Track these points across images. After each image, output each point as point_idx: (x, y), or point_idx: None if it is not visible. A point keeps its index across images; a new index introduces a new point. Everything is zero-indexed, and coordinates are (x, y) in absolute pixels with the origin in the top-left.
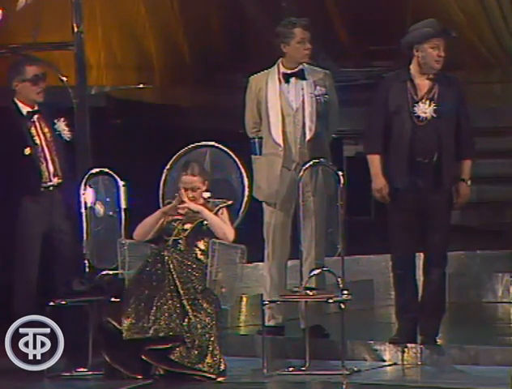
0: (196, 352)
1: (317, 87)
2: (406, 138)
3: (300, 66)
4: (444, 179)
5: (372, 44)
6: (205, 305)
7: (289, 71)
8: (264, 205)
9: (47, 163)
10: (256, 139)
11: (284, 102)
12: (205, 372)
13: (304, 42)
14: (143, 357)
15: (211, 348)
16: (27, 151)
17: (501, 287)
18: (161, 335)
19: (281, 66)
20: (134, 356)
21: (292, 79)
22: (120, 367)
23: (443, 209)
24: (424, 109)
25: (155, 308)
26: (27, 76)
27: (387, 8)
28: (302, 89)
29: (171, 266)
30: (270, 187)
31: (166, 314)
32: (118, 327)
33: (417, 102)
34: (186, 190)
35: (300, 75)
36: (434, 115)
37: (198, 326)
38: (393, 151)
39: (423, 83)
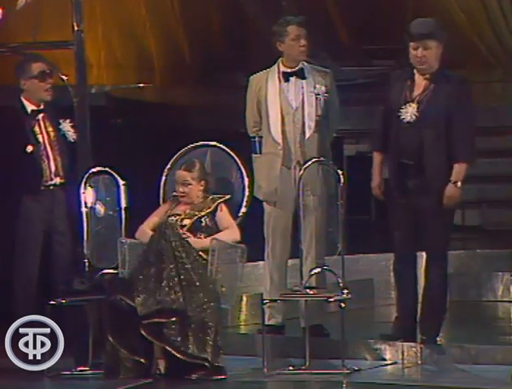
0: (191, 337)
1: (317, 86)
2: (394, 139)
3: (300, 65)
4: (430, 181)
5: (372, 44)
6: (201, 294)
7: (289, 70)
8: (264, 204)
9: (49, 162)
10: (256, 138)
11: (284, 101)
12: (196, 357)
13: (298, 39)
14: (142, 332)
15: (208, 338)
16: (29, 148)
17: (501, 286)
18: (168, 306)
19: (281, 65)
20: (139, 339)
21: (292, 78)
22: (125, 350)
23: (435, 210)
24: (408, 110)
25: (165, 281)
26: (33, 73)
27: (387, 8)
28: (302, 88)
29: (173, 244)
30: (269, 186)
31: (174, 289)
32: (132, 303)
33: (407, 102)
34: (177, 183)
35: (300, 74)
36: (417, 117)
37: (194, 309)
38: (387, 151)
39: (420, 83)
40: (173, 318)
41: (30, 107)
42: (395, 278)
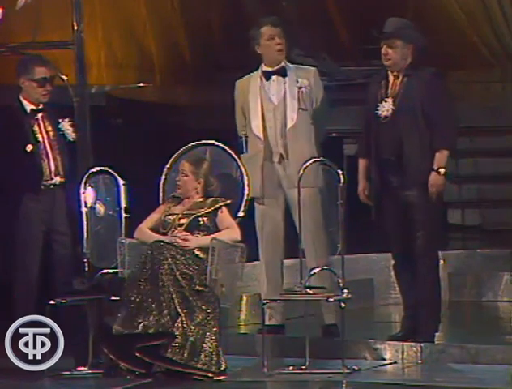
0: (189, 350)
1: (299, 80)
2: (374, 138)
3: (282, 64)
4: (413, 175)
5: (372, 44)
6: (199, 302)
7: (270, 69)
8: (255, 203)
9: (49, 161)
10: (243, 138)
11: (265, 98)
12: (199, 369)
13: (273, 38)
14: (138, 355)
15: (205, 346)
16: (29, 147)
17: (501, 286)
18: (150, 331)
19: (263, 65)
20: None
21: (274, 77)
22: (124, 363)
23: (421, 205)
24: (384, 107)
25: (145, 304)
26: (35, 76)
27: (387, 8)
28: (284, 84)
29: (166, 266)
30: (254, 183)
31: (156, 311)
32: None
33: (383, 99)
34: (178, 172)
35: (282, 73)
36: (393, 110)
37: (191, 323)
38: (371, 153)
39: (393, 80)
40: (159, 342)
41: (29, 106)
42: (395, 277)
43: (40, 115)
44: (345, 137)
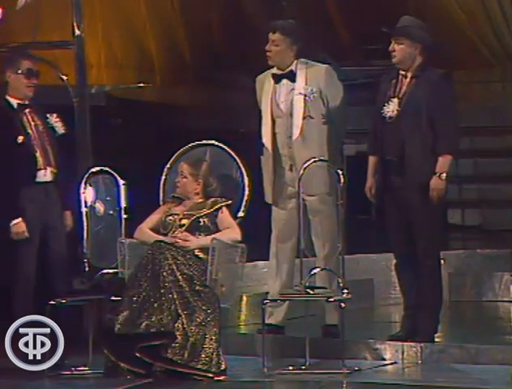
0: (189, 350)
1: (307, 86)
2: (380, 137)
3: (291, 68)
4: (414, 176)
5: (372, 44)
6: (199, 303)
7: (280, 72)
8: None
9: (40, 151)
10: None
11: (274, 104)
12: (199, 370)
13: (268, 43)
14: (138, 355)
15: (205, 346)
16: (20, 139)
17: (501, 286)
18: (152, 330)
19: (275, 67)
20: (135, 352)
21: (284, 81)
22: (124, 363)
23: (422, 206)
24: (389, 108)
25: (148, 304)
26: (21, 69)
27: (387, 8)
28: (292, 90)
29: (166, 266)
30: (267, 188)
31: (158, 311)
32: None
33: (390, 99)
34: (178, 173)
35: (291, 77)
36: (399, 111)
37: (192, 324)
38: (378, 152)
39: (402, 80)
40: (160, 341)
41: (16, 101)
42: (397, 277)
43: (27, 110)
44: (345, 137)
